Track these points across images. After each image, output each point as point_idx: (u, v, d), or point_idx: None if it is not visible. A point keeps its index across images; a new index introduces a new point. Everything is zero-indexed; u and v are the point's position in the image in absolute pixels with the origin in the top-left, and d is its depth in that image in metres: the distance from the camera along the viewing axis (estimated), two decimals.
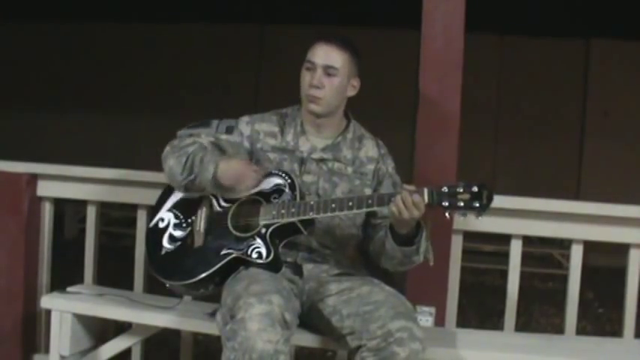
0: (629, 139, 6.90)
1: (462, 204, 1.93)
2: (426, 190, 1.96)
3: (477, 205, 1.92)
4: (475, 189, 1.93)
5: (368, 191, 2.25)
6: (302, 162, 2.22)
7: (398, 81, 6.39)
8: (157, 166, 2.30)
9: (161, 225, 2.25)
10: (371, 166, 2.27)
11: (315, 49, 2.21)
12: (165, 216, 2.25)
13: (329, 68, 2.19)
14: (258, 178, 2.14)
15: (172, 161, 2.20)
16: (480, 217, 1.94)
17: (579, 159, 7.28)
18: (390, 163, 2.32)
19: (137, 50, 7.69)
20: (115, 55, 7.68)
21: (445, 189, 1.95)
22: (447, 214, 1.96)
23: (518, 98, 7.25)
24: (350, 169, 2.25)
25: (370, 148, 2.29)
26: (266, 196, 2.14)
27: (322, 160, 2.23)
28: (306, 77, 2.21)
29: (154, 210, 2.30)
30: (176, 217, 2.24)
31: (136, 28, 7.67)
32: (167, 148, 2.26)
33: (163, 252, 2.21)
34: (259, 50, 7.77)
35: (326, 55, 2.19)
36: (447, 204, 1.94)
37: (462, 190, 1.93)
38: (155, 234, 2.25)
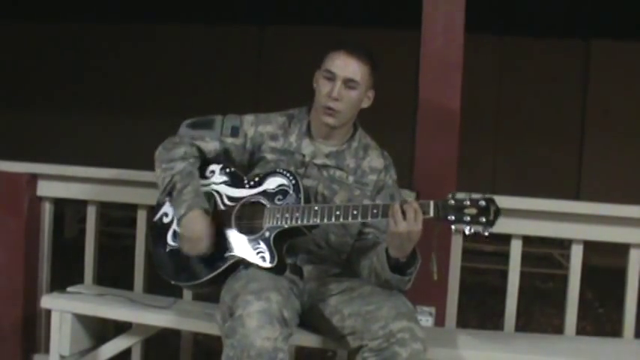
0: (629, 139, 6.92)
1: (468, 218, 1.89)
2: (431, 204, 1.92)
3: (484, 220, 1.88)
4: (483, 203, 1.89)
5: (367, 202, 2.19)
6: (302, 165, 2.20)
7: (398, 81, 6.39)
8: None
9: (165, 220, 2.24)
10: (373, 177, 2.24)
11: (335, 59, 2.13)
12: (170, 211, 2.23)
13: (350, 81, 2.12)
14: (200, 255, 2.11)
15: (158, 172, 2.20)
16: (487, 233, 1.90)
17: (579, 159, 7.29)
18: (393, 175, 2.28)
19: (137, 50, 7.70)
20: (115, 55, 7.68)
21: (452, 202, 1.90)
22: (452, 228, 1.92)
23: (518, 98, 7.26)
24: (351, 179, 2.22)
25: (375, 159, 2.25)
26: (270, 196, 2.12)
27: (324, 166, 2.21)
28: (325, 87, 2.14)
29: (157, 203, 2.28)
30: None
31: (136, 28, 7.68)
32: (160, 149, 2.23)
33: (168, 249, 2.20)
34: (259, 50, 7.78)
35: (347, 67, 2.11)
36: (452, 218, 1.90)
37: (468, 204, 1.89)
38: (159, 229, 2.24)
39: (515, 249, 2.63)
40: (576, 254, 2.61)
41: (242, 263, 2.09)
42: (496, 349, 2.33)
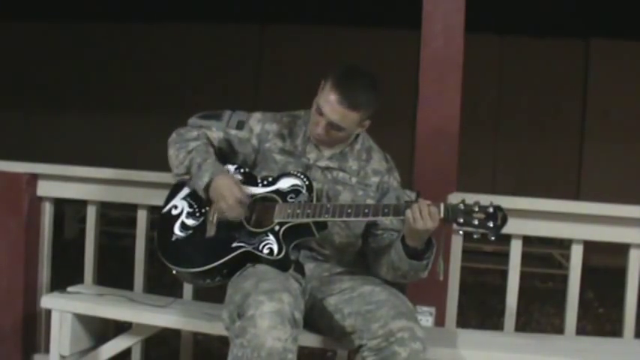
0: (629, 139, 6.90)
1: (476, 222, 1.94)
2: (442, 206, 1.97)
3: (491, 225, 1.93)
4: (491, 210, 1.94)
5: (370, 202, 2.22)
6: (307, 168, 2.22)
7: (398, 81, 6.39)
8: (158, 166, 2.30)
9: (174, 212, 2.25)
10: (376, 179, 2.25)
11: (328, 100, 2.11)
12: (179, 204, 2.26)
13: (335, 125, 2.13)
14: (239, 212, 2.11)
15: (172, 152, 2.24)
16: (492, 238, 1.95)
17: (579, 159, 7.28)
18: (397, 177, 2.30)
19: (137, 50, 7.69)
20: (115, 55, 7.68)
21: (461, 206, 1.95)
22: (460, 231, 1.97)
23: (518, 98, 7.26)
24: (354, 180, 2.24)
25: (377, 162, 2.28)
26: (283, 194, 2.15)
27: (327, 169, 2.23)
28: (313, 118, 2.16)
29: (168, 197, 2.30)
30: (190, 205, 2.24)
31: (136, 28, 7.67)
32: (173, 135, 2.29)
33: (173, 238, 2.20)
34: (259, 50, 7.78)
35: (335, 113, 2.10)
36: (461, 221, 1.95)
37: (477, 210, 1.94)
38: (167, 220, 2.24)
39: (515, 249, 2.63)
40: (576, 254, 2.61)
41: (248, 255, 2.08)
42: (496, 349, 2.33)
